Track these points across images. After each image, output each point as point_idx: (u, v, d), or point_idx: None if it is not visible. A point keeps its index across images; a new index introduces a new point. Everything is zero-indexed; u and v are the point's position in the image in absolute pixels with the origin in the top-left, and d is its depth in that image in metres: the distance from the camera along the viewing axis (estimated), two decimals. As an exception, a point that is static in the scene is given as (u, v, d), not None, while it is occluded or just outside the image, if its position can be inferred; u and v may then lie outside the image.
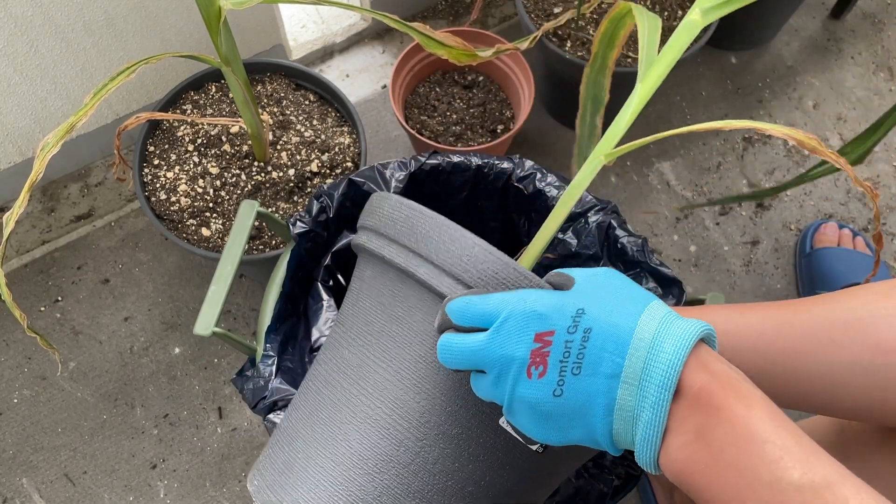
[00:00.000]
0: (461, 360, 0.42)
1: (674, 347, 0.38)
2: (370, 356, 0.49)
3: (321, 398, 0.50)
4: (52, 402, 1.09)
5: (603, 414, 0.39)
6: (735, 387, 0.38)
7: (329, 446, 0.48)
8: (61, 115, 1.11)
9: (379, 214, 0.51)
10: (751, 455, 0.36)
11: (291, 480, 0.48)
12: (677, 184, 1.25)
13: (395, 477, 0.46)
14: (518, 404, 0.41)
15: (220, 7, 0.77)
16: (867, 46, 1.38)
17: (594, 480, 0.63)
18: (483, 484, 0.46)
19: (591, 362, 0.38)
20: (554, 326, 0.40)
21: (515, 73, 1.15)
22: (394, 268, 0.49)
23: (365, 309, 0.51)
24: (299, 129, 1.04)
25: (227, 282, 0.65)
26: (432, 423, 0.46)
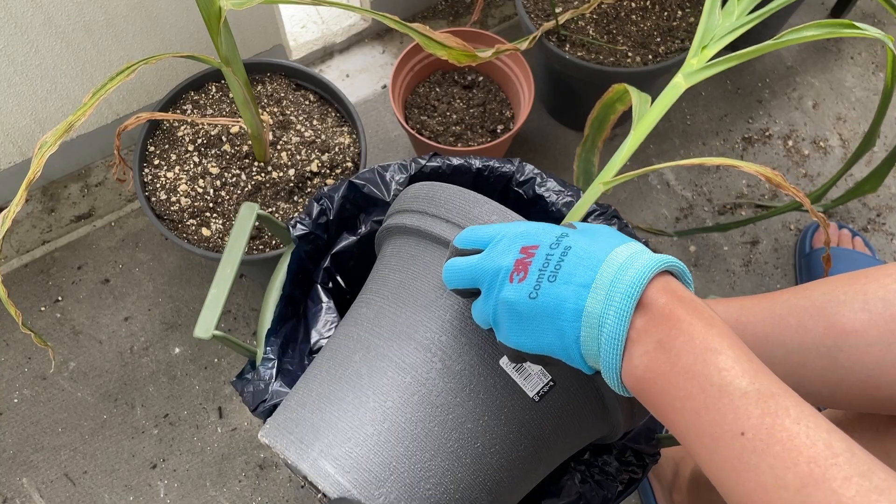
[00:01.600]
0: (460, 277, 0.47)
1: (642, 265, 0.40)
2: (386, 307, 0.53)
3: (336, 349, 0.54)
4: (53, 401, 1.09)
5: (572, 318, 0.41)
6: (697, 308, 0.41)
7: (341, 381, 0.51)
8: (61, 115, 1.11)
9: (404, 198, 0.58)
10: (705, 363, 0.38)
11: (306, 416, 0.51)
12: (677, 184, 1.25)
13: (400, 403, 0.49)
14: (501, 308, 0.44)
15: (221, 7, 0.77)
16: (867, 46, 1.38)
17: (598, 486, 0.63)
18: (481, 424, 0.49)
19: (567, 273, 0.42)
20: (539, 242, 0.44)
21: (515, 74, 1.15)
22: (413, 233, 0.55)
23: (382, 276, 0.57)
24: (299, 129, 1.04)
25: (227, 285, 0.65)
26: (438, 357, 0.50)
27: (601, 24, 1.10)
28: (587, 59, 1.07)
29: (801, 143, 1.29)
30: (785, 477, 0.35)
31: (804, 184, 1.26)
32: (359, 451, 0.48)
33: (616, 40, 1.08)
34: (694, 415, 0.38)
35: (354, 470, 0.47)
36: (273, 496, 1.04)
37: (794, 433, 0.36)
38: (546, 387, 0.51)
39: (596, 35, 1.09)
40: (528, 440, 0.51)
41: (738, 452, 0.37)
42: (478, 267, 0.46)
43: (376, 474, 0.47)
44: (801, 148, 1.29)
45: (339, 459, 0.48)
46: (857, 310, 0.52)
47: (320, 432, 0.49)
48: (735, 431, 0.37)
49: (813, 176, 1.26)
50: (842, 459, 0.35)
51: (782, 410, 0.37)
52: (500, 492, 0.51)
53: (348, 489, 0.47)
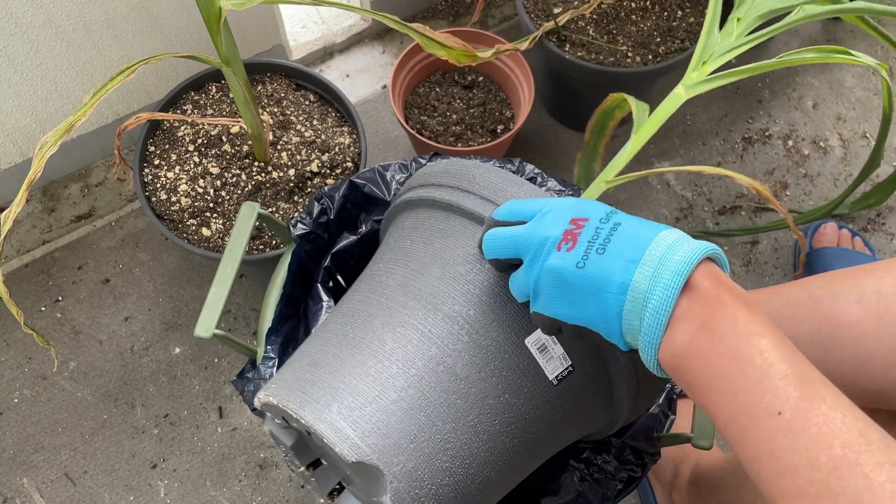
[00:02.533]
0: (503, 246, 0.47)
1: (691, 248, 0.41)
2: (411, 277, 0.53)
3: (352, 314, 0.54)
4: (53, 401, 1.09)
5: (617, 291, 0.41)
6: (741, 294, 0.41)
7: (361, 345, 0.51)
8: (62, 115, 1.11)
9: (429, 172, 0.58)
10: (748, 344, 0.39)
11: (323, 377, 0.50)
12: (677, 184, 1.25)
13: (424, 372, 0.49)
14: (545, 276, 0.44)
15: (221, 7, 0.77)
16: (867, 46, 1.38)
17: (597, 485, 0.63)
18: (502, 401, 0.49)
19: (616, 247, 0.42)
20: (589, 215, 0.44)
21: (515, 74, 1.15)
22: (443, 207, 0.55)
23: (404, 247, 0.56)
24: (299, 129, 1.04)
25: (228, 284, 0.65)
26: (465, 330, 0.50)
27: (601, 24, 1.10)
28: (587, 59, 1.07)
29: (801, 143, 1.29)
30: (818, 459, 0.36)
31: (804, 184, 1.26)
32: (380, 417, 0.47)
33: (616, 40, 1.08)
34: (732, 393, 0.39)
35: (375, 434, 0.46)
36: (273, 496, 1.04)
37: (831, 418, 0.37)
38: (566, 371, 0.51)
39: (596, 35, 1.09)
40: (540, 423, 0.51)
41: (772, 432, 0.37)
42: (524, 236, 0.46)
43: (396, 441, 0.47)
44: (801, 148, 1.29)
45: (359, 423, 0.47)
46: (852, 302, 0.52)
47: (339, 394, 0.48)
48: (772, 411, 0.37)
49: (813, 176, 1.27)
50: (875, 447, 0.36)
51: (819, 397, 0.38)
52: (509, 472, 0.51)
53: (367, 454, 0.46)
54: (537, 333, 0.51)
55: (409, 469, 0.46)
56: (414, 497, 0.46)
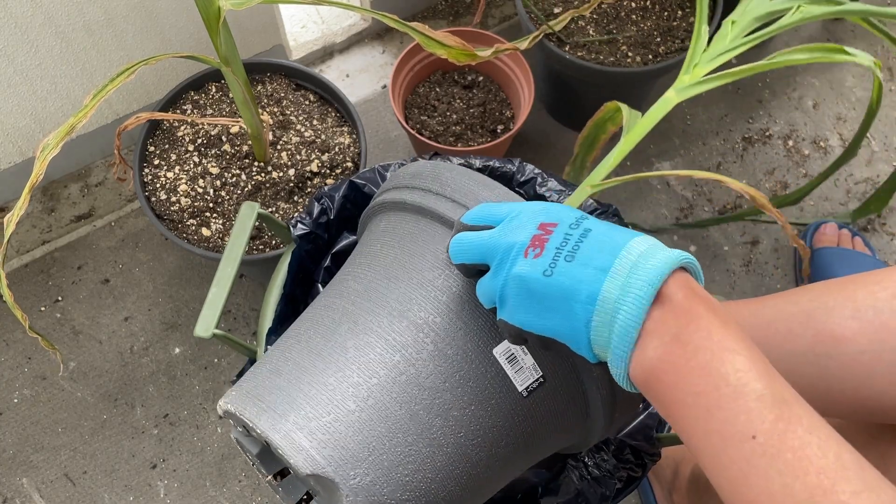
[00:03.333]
0: (470, 250, 0.46)
1: (663, 257, 0.40)
2: (378, 282, 0.51)
3: (317, 320, 0.52)
4: (52, 402, 1.09)
5: (585, 301, 0.40)
6: (715, 307, 0.40)
7: (323, 353, 0.49)
8: (61, 115, 1.11)
9: (402, 174, 0.56)
10: (722, 361, 0.38)
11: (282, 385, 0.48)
12: (677, 184, 1.25)
13: (386, 382, 0.47)
14: (511, 283, 0.42)
15: (220, 7, 0.77)
16: (867, 46, 1.38)
17: (597, 483, 0.63)
18: (467, 413, 0.48)
19: (585, 255, 0.41)
20: (558, 220, 0.43)
21: (515, 74, 1.15)
22: (413, 211, 0.53)
23: (373, 251, 0.55)
24: (299, 129, 1.04)
25: (228, 284, 0.65)
26: (430, 339, 0.48)
27: (601, 24, 1.10)
28: (587, 59, 1.07)
29: (801, 143, 1.29)
30: (793, 486, 0.35)
31: (804, 183, 1.26)
32: (338, 427, 0.45)
33: (616, 40, 1.08)
34: (705, 412, 0.38)
35: (331, 446, 0.45)
36: (273, 496, 1.04)
37: (807, 442, 0.36)
38: (536, 383, 0.49)
39: (596, 35, 1.09)
40: (509, 436, 0.50)
41: (747, 455, 0.36)
42: (491, 241, 0.44)
43: (354, 453, 0.45)
44: (802, 148, 1.29)
45: (316, 434, 0.45)
46: (847, 317, 0.51)
47: (297, 403, 0.46)
48: (746, 434, 0.36)
49: (813, 176, 1.26)
50: (851, 473, 0.35)
51: (795, 418, 0.36)
52: (476, 487, 0.50)
53: (323, 466, 0.44)
54: (506, 344, 0.49)
55: (367, 483, 0.45)
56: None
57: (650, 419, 0.67)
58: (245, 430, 0.49)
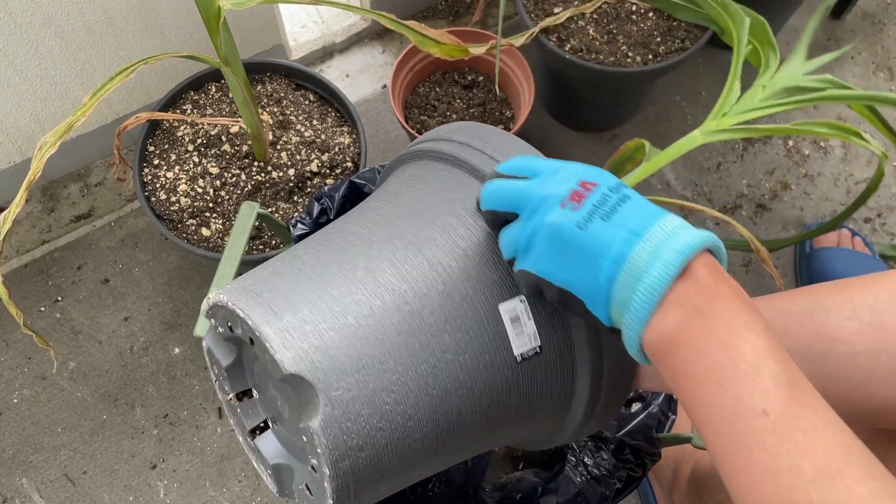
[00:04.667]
0: (504, 197, 0.45)
1: (696, 234, 0.40)
2: (397, 216, 0.51)
3: (329, 238, 0.52)
4: (52, 402, 1.09)
5: (614, 259, 0.40)
6: (738, 289, 0.41)
7: (331, 265, 0.48)
8: (61, 115, 1.11)
9: (443, 129, 0.56)
10: (743, 339, 0.38)
11: (282, 286, 0.47)
12: (677, 184, 1.25)
13: (390, 307, 0.46)
14: (542, 231, 0.43)
15: (220, 7, 0.77)
16: (867, 46, 1.38)
17: (597, 483, 0.63)
18: (460, 360, 0.47)
19: (622, 217, 0.41)
20: (599, 182, 0.43)
21: (515, 73, 1.15)
22: (447, 160, 0.53)
23: (397, 190, 0.54)
24: (299, 129, 1.04)
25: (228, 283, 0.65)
26: (441, 279, 0.48)
27: (601, 24, 1.10)
28: (587, 58, 1.07)
29: (801, 143, 1.29)
30: (800, 465, 0.35)
31: (804, 183, 1.26)
32: (332, 336, 0.45)
33: (616, 40, 1.08)
34: (718, 386, 0.38)
35: (321, 352, 0.44)
36: (273, 496, 1.04)
37: (818, 425, 0.36)
38: (532, 351, 0.49)
39: (596, 35, 1.09)
40: (492, 398, 0.49)
41: (756, 431, 0.37)
42: (527, 190, 0.44)
43: (343, 365, 0.44)
44: (802, 148, 1.29)
45: (309, 336, 0.44)
46: (846, 318, 0.51)
47: (295, 305, 0.46)
48: (759, 410, 0.37)
49: (813, 176, 1.26)
50: (858, 460, 0.35)
51: (808, 403, 0.37)
52: (446, 440, 0.49)
53: (308, 368, 0.43)
54: (513, 302, 0.49)
55: (348, 398, 0.44)
56: (345, 430, 0.44)
57: (650, 419, 0.67)
58: (229, 329, 0.48)
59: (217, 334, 0.50)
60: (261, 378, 0.51)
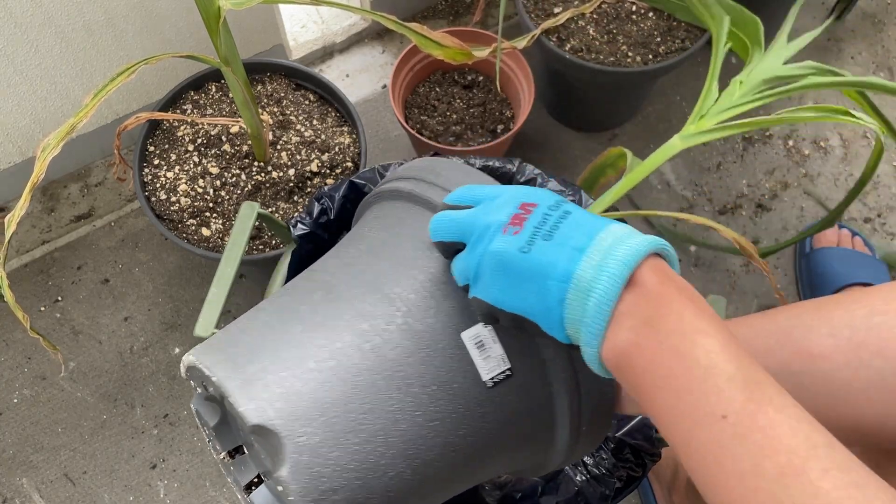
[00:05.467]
0: (450, 227, 0.46)
1: (639, 241, 0.40)
2: (359, 259, 0.52)
3: (293, 287, 0.52)
4: (52, 402, 1.09)
5: (560, 279, 0.40)
6: (687, 291, 0.40)
7: (293, 315, 0.49)
8: (61, 115, 1.11)
9: (402, 168, 0.58)
10: (694, 344, 0.38)
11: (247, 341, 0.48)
12: (677, 184, 1.25)
13: (350, 347, 0.46)
14: (488, 259, 0.43)
15: (220, 7, 0.77)
16: (867, 46, 1.38)
17: (596, 482, 0.63)
18: (428, 392, 0.47)
19: (563, 235, 0.41)
20: (538, 202, 0.44)
21: (515, 73, 1.15)
22: (404, 198, 0.54)
23: (360, 234, 0.55)
24: (299, 129, 1.04)
25: (228, 283, 0.65)
26: (401, 312, 0.48)
27: (601, 24, 1.10)
28: (587, 58, 1.07)
29: (801, 143, 1.29)
30: (763, 465, 0.35)
31: (805, 183, 1.26)
32: (293, 383, 0.45)
33: (616, 40, 1.08)
34: (675, 395, 0.38)
35: (283, 400, 0.44)
36: (273, 496, 1.04)
37: (777, 422, 0.36)
38: (502, 374, 0.48)
39: (596, 35, 1.09)
40: (467, 427, 0.49)
41: (717, 436, 0.36)
42: (470, 218, 0.45)
43: (306, 411, 0.44)
44: (802, 148, 1.29)
45: (271, 386, 0.44)
46: (824, 335, 0.51)
47: (257, 357, 0.46)
48: (717, 414, 0.36)
49: (813, 176, 1.26)
50: (821, 451, 0.35)
51: (766, 399, 0.37)
52: (426, 474, 0.48)
53: (271, 418, 0.43)
54: (477, 328, 0.48)
55: (315, 443, 0.44)
56: (315, 474, 0.43)
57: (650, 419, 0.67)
58: (205, 389, 0.49)
59: (199, 395, 0.51)
60: (245, 433, 0.51)
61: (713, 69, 0.76)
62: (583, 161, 1.27)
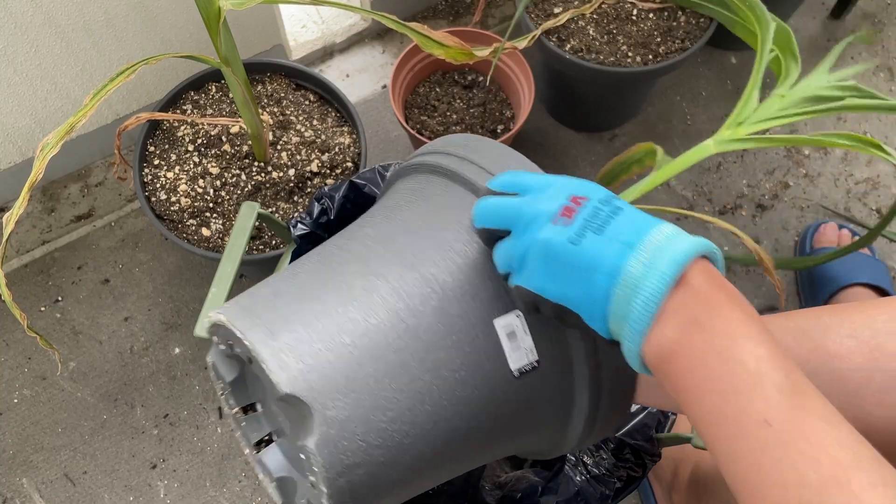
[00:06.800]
0: (496, 214, 0.46)
1: (690, 242, 0.40)
2: (395, 233, 0.51)
3: (326, 255, 0.52)
4: (52, 402, 1.09)
5: (608, 272, 0.40)
6: (737, 296, 0.40)
7: (327, 284, 0.49)
8: (61, 115, 1.11)
9: (443, 141, 0.57)
10: (742, 348, 0.38)
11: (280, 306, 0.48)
12: (677, 184, 1.25)
13: (385, 325, 0.46)
14: (535, 248, 0.43)
15: (220, 7, 0.77)
16: (867, 46, 1.38)
17: (596, 482, 0.63)
18: (457, 376, 0.47)
19: (614, 230, 0.41)
20: (589, 195, 0.43)
21: (515, 73, 1.15)
22: (444, 174, 0.53)
23: (395, 205, 0.55)
24: (299, 129, 1.04)
25: (228, 283, 0.65)
26: (437, 295, 0.48)
27: (601, 24, 1.10)
28: (587, 58, 1.07)
29: (801, 143, 1.29)
30: (806, 474, 0.34)
31: (804, 183, 1.26)
32: (328, 356, 0.45)
33: (616, 40, 1.08)
34: (721, 397, 0.38)
35: (316, 372, 0.44)
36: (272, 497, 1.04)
37: (823, 432, 0.36)
38: (530, 365, 0.49)
39: (596, 35, 1.09)
40: (490, 413, 0.49)
41: (761, 443, 0.36)
42: (518, 207, 0.44)
43: (338, 385, 0.44)
44: (802, 148, 1.29)
45: (304, 357, 0.44)
46: (844, 336, 0.51)
47: (292, 325, 0.46)
48: (762, 421, 0.36)
49: (813, 176, 1.26)
50: (867, 465, 0.35)
51: (813, 409, 0.36)
52: (446, 455, 0.49)
53: (303, 388, 0.43)
54: (509, 317, 0.48)
55: (343, 417, 0.44)
56: (341, 448, 0.44)
57: (650, 419, 0.67)
58: (229, 347, 0.48)
59: (220, 350, 0.50)
60: (263, 393, 0.51)
61: (755, 77, 0.77)
62: (583, 161, 1.27)
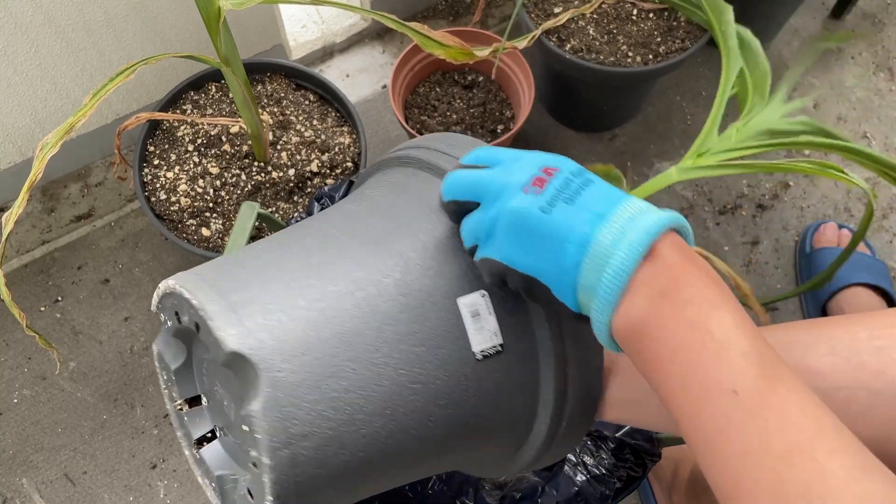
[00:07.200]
0: (465, 185, 0.45)
1: (660, 215, 0.40)
2: (361, 214, 0.51)
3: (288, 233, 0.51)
4: (52, 402, 1.09)
5: (578, 242, 0.40)
6: (705, 267, 0.40)
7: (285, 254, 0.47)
8: (61, 115, 1.11)
9: (413, 141, 0.57)
10: (709, 317, 0.38)
11: (235, 272, 0.46)
12: (678, 184, 1.25)
13: (343, 292, 0.45)
14: (505, 217, 0.42)
15: (220, 7, 0.77)
16: (867, 46, 1.38)
17: (596, 482, 0.63)
18: (416, 352, 0.46)
19: (585, 200, 0.41)
20: (561, 167, 0.43)
21: (515, 73, 1.15)
22: (411, 164, 0.54)
23: (364, 194, 0.55)
24: (299, 129, 1.04)
25: (228, 283, 0.65)
26: (400, 268, 0.47)
27: (601, 24, 1.10)
28: (587, 58, 1.07)
29: (801, 143, 1.29)
30: (770, 442, 0.35)
31: (804, 184, 1.26)
32: (279, 317, 0.43)
33: (616, 40, 1.08)
34: (688, 366, 0.38)
35: (266, 332, 0.42)
36: (273, 496, 1.04)
37: (788, 401, 0.36)
38: (493, 349, 0.47)
39: (596, 35, 1.09)
40: (448, 399, 0.47)
41: (726, 411, 0.36)
42: (488, 177, 0.44)
43: (289, 347, 0.42)
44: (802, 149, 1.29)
45: (255, 316, 0.42)
46: (824, 353, 0.50)
47: (244, 287, 0.44)
48: (728, 389, 0.36)
49: (813, 176, 1.26)
50: (830, 433, 0.35)
51: (778, 378, 0.36)
52: (400, 439, 0.46)
53: (251, 347, 0.41)
54: (474, 296, 0.47)
55: (293, 381, 0.42)
56: (287, 414, 0.41)
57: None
58: (177, 319, 0.46)
59: (167, 334, 0.49)
60: (209, 378, 0.49)
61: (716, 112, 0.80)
62: (583, 161, 1.27)
